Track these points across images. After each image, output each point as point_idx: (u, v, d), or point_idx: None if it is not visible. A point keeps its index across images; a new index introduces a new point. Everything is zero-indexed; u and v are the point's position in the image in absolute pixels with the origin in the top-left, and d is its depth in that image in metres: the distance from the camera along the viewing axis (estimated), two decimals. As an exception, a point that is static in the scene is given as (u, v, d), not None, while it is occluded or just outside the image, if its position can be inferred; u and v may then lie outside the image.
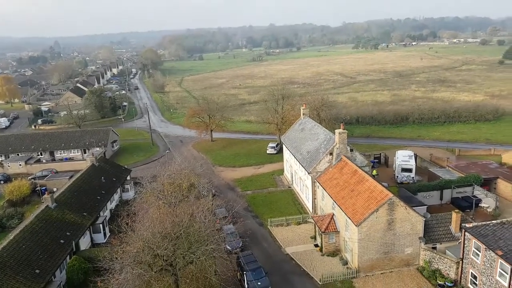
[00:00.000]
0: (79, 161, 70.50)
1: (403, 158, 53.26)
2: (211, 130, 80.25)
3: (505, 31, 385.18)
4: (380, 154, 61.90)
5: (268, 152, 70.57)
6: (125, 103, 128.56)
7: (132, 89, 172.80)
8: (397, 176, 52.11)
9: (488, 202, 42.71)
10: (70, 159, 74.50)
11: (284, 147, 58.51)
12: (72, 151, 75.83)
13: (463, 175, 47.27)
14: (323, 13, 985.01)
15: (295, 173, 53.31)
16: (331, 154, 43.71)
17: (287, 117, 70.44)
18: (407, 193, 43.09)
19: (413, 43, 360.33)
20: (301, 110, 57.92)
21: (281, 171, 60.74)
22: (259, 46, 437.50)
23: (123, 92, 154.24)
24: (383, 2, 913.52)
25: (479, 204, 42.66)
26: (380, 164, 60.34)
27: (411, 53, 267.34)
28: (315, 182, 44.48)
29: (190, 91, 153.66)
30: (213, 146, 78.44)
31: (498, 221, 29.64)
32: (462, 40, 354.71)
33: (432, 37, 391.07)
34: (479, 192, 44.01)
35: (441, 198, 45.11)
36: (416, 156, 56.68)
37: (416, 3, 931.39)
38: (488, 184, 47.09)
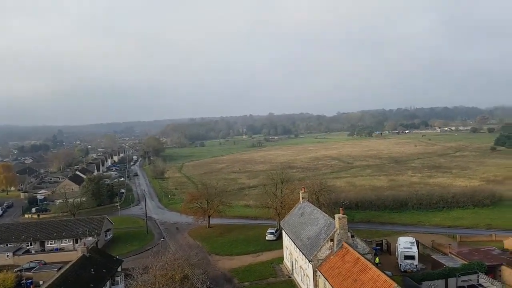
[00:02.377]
0: (70, 251, 67.61)
1: (405, 244, 52.15)
2: (209, 216, 79.36)
3: (494, 120, 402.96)
4: (382, 240, 60.62)
5: (267, 238, 68.90)
6: (122, 190, 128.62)
7: (131, 175, 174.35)
8: (400, 264, 50.44)
9: (495, 291, 40.87)
10: (61, 250, 71.70)
11: (283, 232, 57.43)
12: (64, 241, 73.37)
13: (466, 262, 45.86)
14: (318, 104, 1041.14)
15: (295, 261, 51.48)
16: (332, 240, 42.82)
17: (286, 201, 70.22)
18: (412, 282, 41.39)
19: (406, 131, 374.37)
20: (300, 194, 58.22)
21: (281, 259, 58.66)
22: (258, 133, 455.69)
23: (122, 179, 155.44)
24: (375, 95, 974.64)
25: (487, 294, 40.75)
26: (382, 251, 58.72)
27: (405, 140, 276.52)
28: (316, 271, 42.86)
29: (189, 177, 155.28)
30: (210, 233, 76.75)
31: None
32: (454, 128, 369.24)
33: (424, 125, 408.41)
34: (484, 280, 42.31)
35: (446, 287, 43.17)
36: (418, 243, 55.54)
37: (406, 95, 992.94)
38: (492, 271, 45.44)
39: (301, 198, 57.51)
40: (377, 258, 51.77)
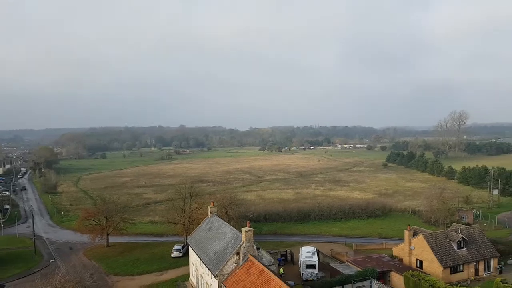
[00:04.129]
0: None
1: (307, 254, 54.31)
2: (108, 234, 73.38)
3: (386, 139, 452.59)
4: (286, 251, 62.40)
5: (173, 255, 65.90)
6: (7, 206, 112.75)
7: (18, 190, 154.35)
8: (302, 273, 52.26)
9: (385, 295, 44.56)
10: None
11: (189, 249, 55.62)
12: None
13: (360, 269, 49.41)
14: (231, 119, 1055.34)
15: (201, 278, 49.96)
16: (238, 253, 42.67)
17: (195, 216, 68.50)
18: (312, 291, 43.01)
19: (311, 147, 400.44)
20: (209, 209, 57.18)
21: (187, 276, 56.44)
22: (169, 145, 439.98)
23: (7, 193, 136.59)
24: (284, 113, 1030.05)
25: (378, 298, 44.19)
26: (287, 261, 60.42)
27: (310, 156, 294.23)
28: (222, 286, 42.06)
29: (87, 191, 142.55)
30: (109, 252, 70.71)
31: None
32: (352, 145, 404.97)
33: (327, 142, 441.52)
34: (376, 286, 45.95)
35: (343, 293, 45.82)
36: (318, 252, 58.33)
37: (312, 115, 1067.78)
38: (383, 277, 49.72)
39: (209, 213, 56.49)
40: (281, 269, 53.06)
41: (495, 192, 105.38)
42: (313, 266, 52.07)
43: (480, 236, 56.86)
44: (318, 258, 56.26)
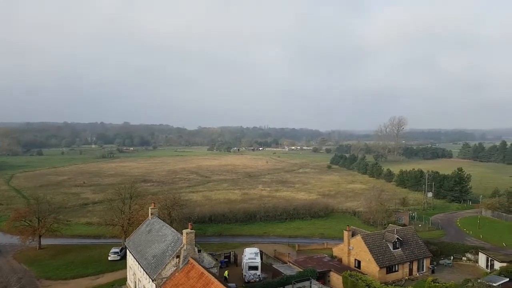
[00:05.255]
0: None
1: (250, 255, 54.04)
2: (40, 236, 68.07)
3: (331, 141, 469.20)
4: (230, 252, 61.72)
5: (110, 258, 62.60)
6: None
7: None
8: (244, 275, 51.90)
9: (324, 295, 45.45)
10: None
11: (127, 252, 53.04)
12: None
13: (301, 270, 50.05)
14: (179, 117, 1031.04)
15: (138, 282, 47.79)
16: (178, 256, 41.26)
17: (135, 217, 65.55)
18: (254, 293, 42.69)
19: (260, 148, 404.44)
20: (149, 210, 54.92)
21: (124, 280, 53.85)
22: (111, 143, 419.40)
23: None
24: (234, 113, 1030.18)
25: (317, 298, 44.96)
26: (230, 263, 59.77)
27: (258, 156, 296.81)
28: (160, 290, 40.39)
29: (20, 190, 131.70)
30: (41, 255, 65.63)
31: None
32: (299, 147, 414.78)
33: (275, 143, 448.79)
34: (315, 286, 46.76)
35: (284, 295, 46.07)
36: (261, 253, 58.33)
37: (261, 116, 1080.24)
38: (323, 277, 50.78)
39: (150, 214, 54.26)
40: (226, 272, 52.33)
41: (430, 194, 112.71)
42: (255, 268, 51.90)
43: (414, 237, 60.13)
44: (261, 259, 56.26)
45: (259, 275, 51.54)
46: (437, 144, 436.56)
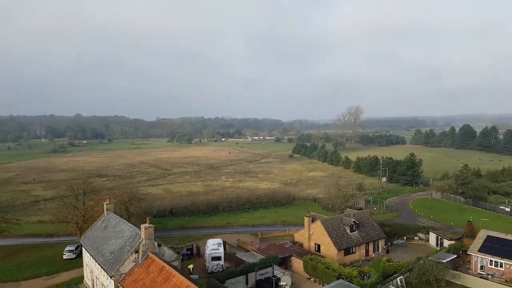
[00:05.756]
0: None
1: (213, 246, 53.97)
2: (-14, 237, 63.92)
3: (292, 131, 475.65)
4: (192, 244, 61.14)
5: (65, 257, 60.18)
6: None
7: None
8: (207, 266, 51.79)
9: (285, 280, 46.29)
10: None
11: (83, 249, 51.10)
12: None
13: (264, 257, 50.65)
14: (136, 108, 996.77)
15: (96, 279, 46.26)
16: (137, 252, 40.36)
17: (90, 213, 63.37)
18: (216, 282, 42.65)
19: (223, 139, 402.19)
20: (104, 206, 53.05)
21: (81, 278, 52.02)
22: (62, 136, 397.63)
23: None
24: (195, 103, 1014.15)
25: (279, 283, 45.71)
26: (193, 255, 59.33)
27: (221, 148, 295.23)
28: (118, 286, 39.35)
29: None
30: (-12, 258, 61.79)
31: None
32: (262, 137, 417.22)
33: (238, 134, 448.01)
34: (277, 271, 47.53)
35: (246, 283, 46.43)
36: (225, 243, 58.30)
37: (223, 106, 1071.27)
38: (285, 262, 51.72)
39: (105, 210, 52.43)
40: (191, 266, 51.81)
41: (384, 179, 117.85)
42: (218, 258, 51.94)
43: (370, 220, 62.57)
44: (225, 249, 56.34)
45: (222, 265, 51.60)
46: (391, 131, 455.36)
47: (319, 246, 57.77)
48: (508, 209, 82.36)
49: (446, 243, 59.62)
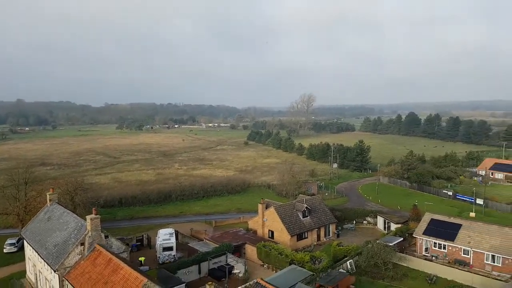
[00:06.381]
0: None
1: (164, 236, 52.75)
2: None
3: (247, 118, 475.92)
4: (143, 235, 59.35)
5: (5, 250, 56.54)
6: None
7: None
8: (159, 257, 50.58)
9: (239, 268, 46.42)
10: None
11: (25, 242, 47.92)
12: None
13: (217, 245, 50.33)
14: (83, 94, 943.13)
15: (39, 273, 43.63)
16: (82, 244, 38.34)
17: (32, 204, 59.60)
18: (167, 273, 41.71)
19: (176, 126, 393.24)
20: (48, 196, 49.79)
21: (24, 272, 49.10)
22: (2, 123, 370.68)
23: None
24: (145, 88, 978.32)
25: (232, 271, 45.76)
26: (143, 246, 57.64)
27: (174, 135, 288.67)
28: (63, 280, 37.31)
29: None
30: None
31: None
32: (216, 124, 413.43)
33: (192, 121, 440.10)
34: (231, 259, 47.49)
35: (199, 272, 46.01)
36: (177, 233, 57.23)
37: (176, 93, 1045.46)
38: (238, 250, 51.80)
39: (48, 201, 49.22)
40: (142, 258, 50.27)
41: (335, 165, 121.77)
42: (170, 248, 50.93)
43: (321, 205, 64.28)
44: (177, 239, 55.37)
45: (174, 255, 50.64)
46: (342, 119, 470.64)
47: (272, 232, 58.49)
48: (450, 193, 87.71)
49: (393, 226, 62.70)
